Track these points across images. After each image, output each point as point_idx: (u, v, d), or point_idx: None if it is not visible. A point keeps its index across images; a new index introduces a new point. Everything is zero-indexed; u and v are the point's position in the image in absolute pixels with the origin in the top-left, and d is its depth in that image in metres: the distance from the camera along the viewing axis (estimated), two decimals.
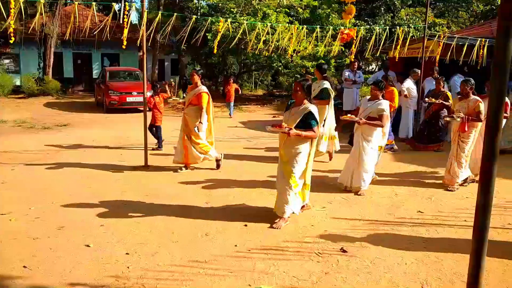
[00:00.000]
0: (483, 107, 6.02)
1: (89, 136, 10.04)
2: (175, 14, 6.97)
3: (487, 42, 9.45)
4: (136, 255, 3.78)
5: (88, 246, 3.95)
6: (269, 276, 3.46)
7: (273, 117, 14.14)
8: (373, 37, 9.61)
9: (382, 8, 19.87)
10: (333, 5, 17.46)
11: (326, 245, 4.08)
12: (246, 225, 4.53)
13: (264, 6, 15.99)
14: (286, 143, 4.52)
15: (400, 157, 8.14)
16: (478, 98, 6.09)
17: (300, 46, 11.30)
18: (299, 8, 17.19)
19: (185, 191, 5.81)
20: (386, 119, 5.74)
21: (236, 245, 4.03)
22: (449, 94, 8.41)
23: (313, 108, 4.55)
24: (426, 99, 8.32)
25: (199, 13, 17.47)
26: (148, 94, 7.95)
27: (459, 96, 6.38)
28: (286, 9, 16.91)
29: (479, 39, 9.46)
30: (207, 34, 13.94)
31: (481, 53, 9.30)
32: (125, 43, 6.41)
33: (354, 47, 10.39)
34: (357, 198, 5.57)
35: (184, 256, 3.79)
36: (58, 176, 6.44)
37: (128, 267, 3.56)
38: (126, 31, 6.22)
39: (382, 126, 5.69)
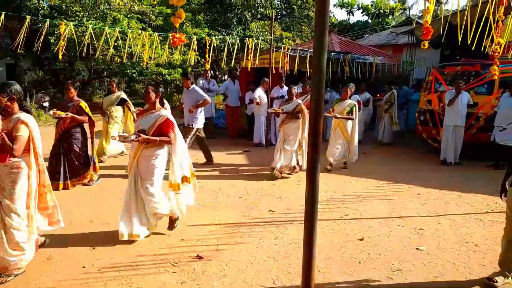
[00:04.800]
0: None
1: None
2: (4, 12, 6.15)
3: None
4: None
5: None
6: None
7: None
8: (226, 47, 10.02)
9: (234, 20, 20.76)
10: (186, 13, 17.57)
11: (182, 254, 4.03)
12: (94, 248, 4.16)
13: (114, 11, 15.27)
14: None
15: (253, 160, 8.58)
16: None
17: (154, 53, 11.09)
18: (151, 15, 16.87)
19: None
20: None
21: (84, 266, 3.70)
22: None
23: None
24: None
25: (39, 15, 15.76)
26: None
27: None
28: (138, 15, 16.43)
29: None
30: (49, 37, 12.70)
31: None
32: None
33: (208, 57, 10.69)
34: (214, 203, 5.66)
35: (21, 285, 3.33)
36: None
37: None
38: None
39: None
